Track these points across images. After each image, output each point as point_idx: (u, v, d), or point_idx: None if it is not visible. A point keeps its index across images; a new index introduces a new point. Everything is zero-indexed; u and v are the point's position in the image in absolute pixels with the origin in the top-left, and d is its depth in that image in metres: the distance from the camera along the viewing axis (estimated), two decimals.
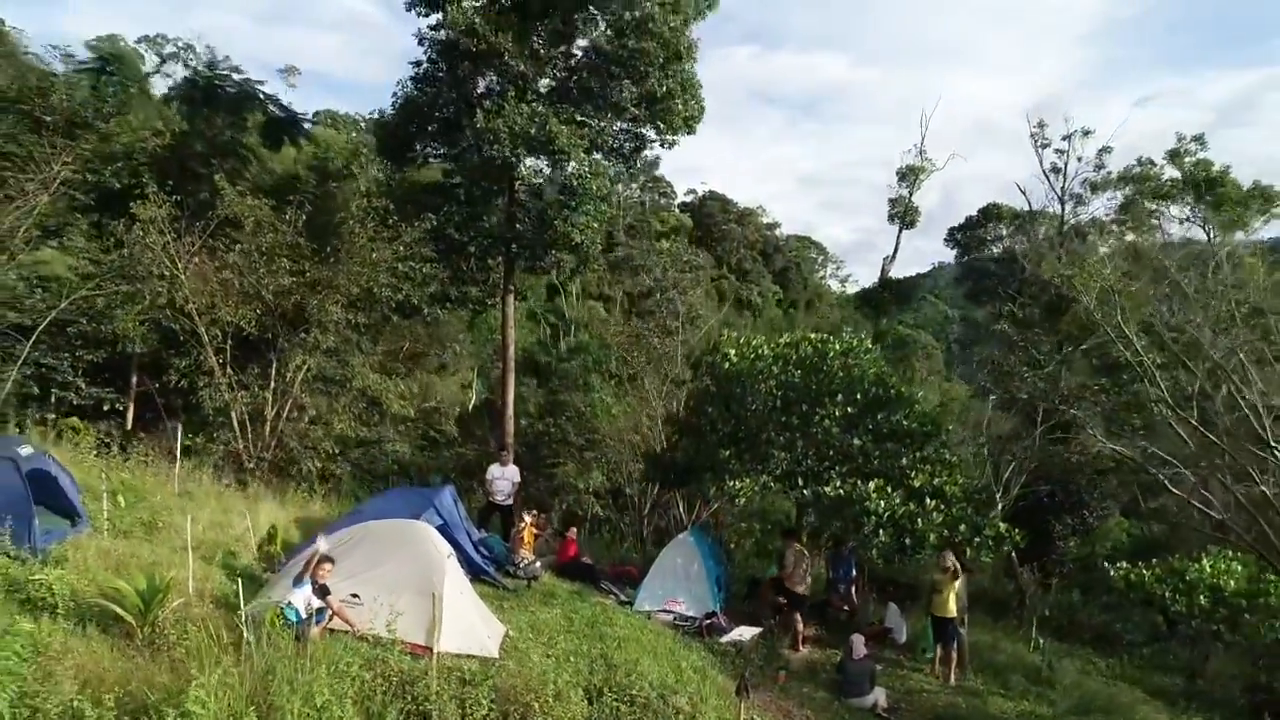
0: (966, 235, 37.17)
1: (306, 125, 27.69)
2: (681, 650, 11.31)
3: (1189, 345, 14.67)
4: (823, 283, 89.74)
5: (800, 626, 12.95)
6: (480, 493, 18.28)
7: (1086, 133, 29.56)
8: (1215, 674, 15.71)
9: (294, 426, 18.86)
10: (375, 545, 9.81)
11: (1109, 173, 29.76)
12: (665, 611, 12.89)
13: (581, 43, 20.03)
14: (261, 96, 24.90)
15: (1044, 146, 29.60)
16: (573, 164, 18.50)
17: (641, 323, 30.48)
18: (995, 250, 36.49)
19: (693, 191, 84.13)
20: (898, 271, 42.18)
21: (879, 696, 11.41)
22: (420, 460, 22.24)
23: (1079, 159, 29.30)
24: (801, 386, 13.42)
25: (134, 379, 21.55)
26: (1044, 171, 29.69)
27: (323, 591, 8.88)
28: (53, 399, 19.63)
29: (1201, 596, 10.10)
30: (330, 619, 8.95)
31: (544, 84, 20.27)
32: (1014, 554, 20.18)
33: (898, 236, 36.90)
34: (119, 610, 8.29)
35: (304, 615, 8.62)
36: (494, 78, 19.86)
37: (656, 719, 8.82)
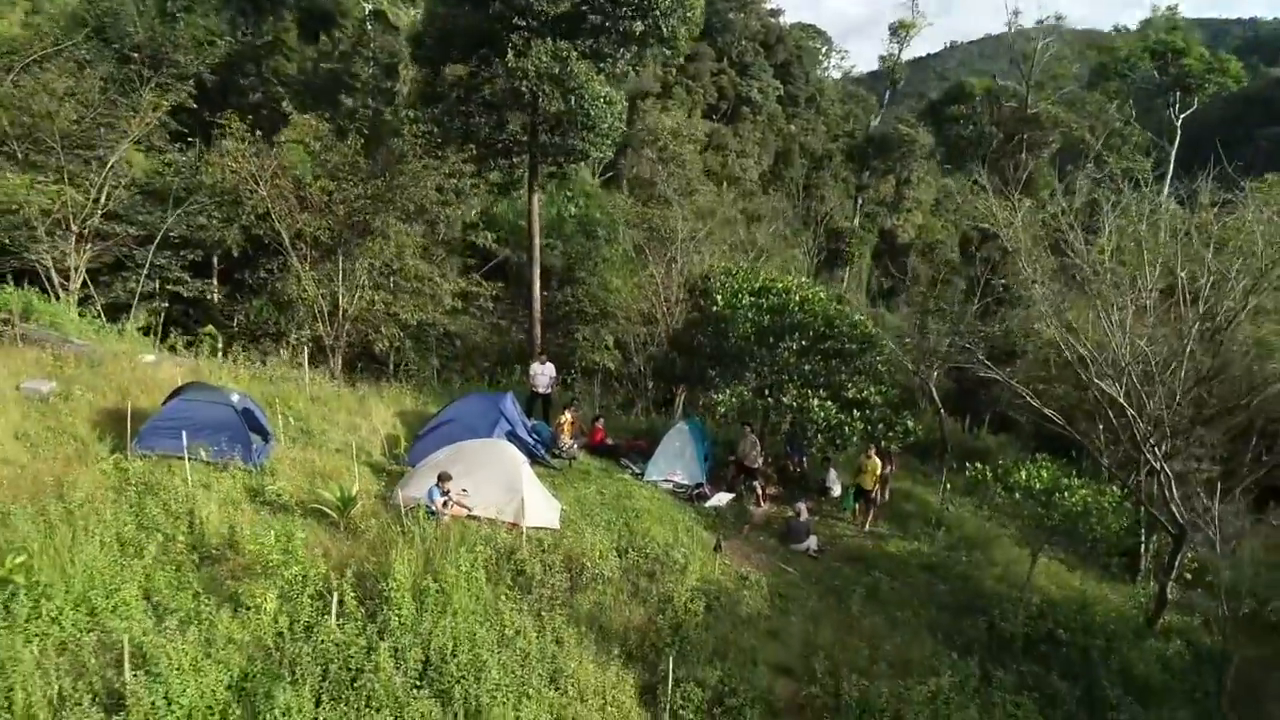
0: (940, 112, 39.29)
1: None
2: (678, 515, 16.34)
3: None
4: (825, 76, 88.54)
5: (761, 490, 18.13)
6: (520, 373, 23.10)
7: (1059, 18, 31.52)
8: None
9: (362, 312, 23.15)
10: (474, 457, 14.63)
11: (1072, 63, 32.05)
12: (667, 481, 17.96)
13: None
14: None
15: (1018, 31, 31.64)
16: (588, 97, 21.42)
17: (642, 192, 33.78)
18: (966, 130, 38.99)
19: None
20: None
21: (812, 542, 16.67)
22: (463, 331, 26.75)
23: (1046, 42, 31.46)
24: (769, 325, 17.83)
25: (217, 268, 25.52)
26: (1014, 59, 31.89)
27: (445, 493, 13.75)
28: (157, 287, 23.83)
29: (1016, 493, 14.97)
30: (451, 508, 13.87)
31: (564, 6, 22.55)
32: (941, 408, 25.28)
33: (883, 94, 39.15)
34: (326, 509, 13.15)
35: (435, 509, 13.53)
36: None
37: (662, 568, 13.93)
